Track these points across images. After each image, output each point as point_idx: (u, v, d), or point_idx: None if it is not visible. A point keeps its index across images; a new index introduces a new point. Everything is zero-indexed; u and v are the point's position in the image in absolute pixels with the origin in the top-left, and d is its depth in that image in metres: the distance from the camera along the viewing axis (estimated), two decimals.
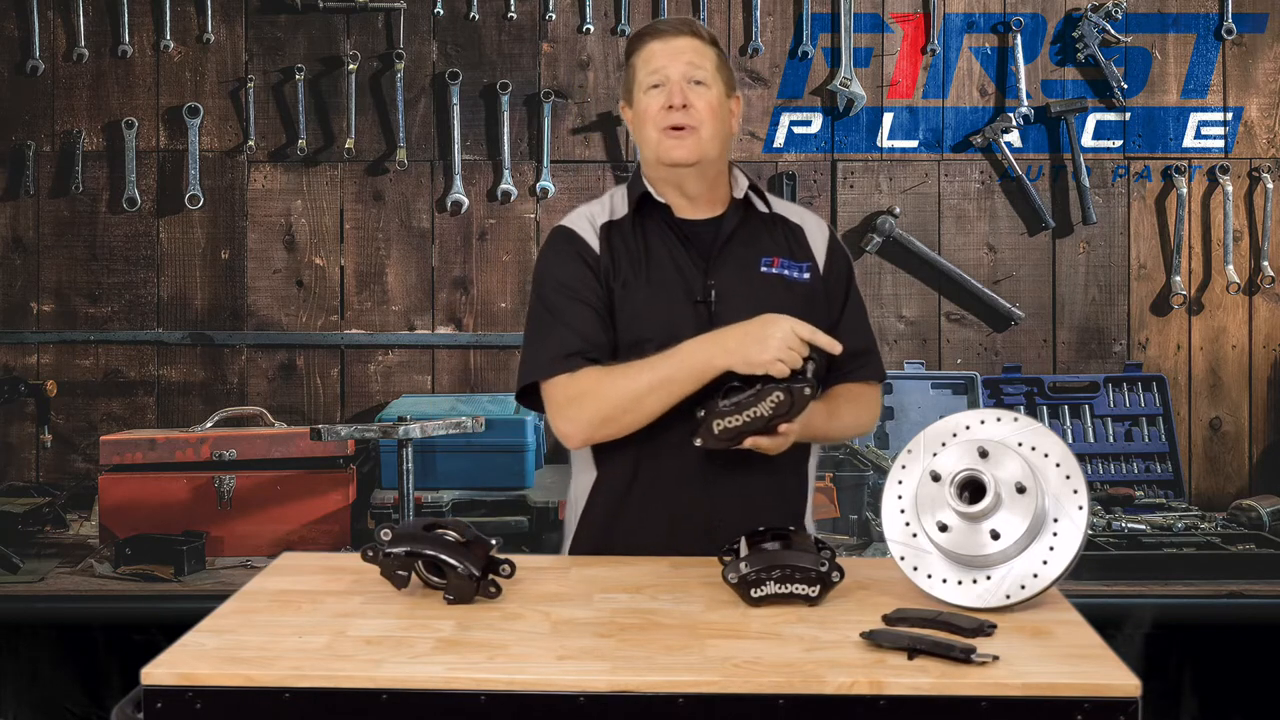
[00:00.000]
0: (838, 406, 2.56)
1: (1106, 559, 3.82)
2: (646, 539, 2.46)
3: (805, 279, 2.55)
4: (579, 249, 2.50)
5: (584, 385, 2.40)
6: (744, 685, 1.76)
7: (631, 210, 2.54)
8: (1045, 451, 2.07)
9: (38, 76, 4.72)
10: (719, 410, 2.31)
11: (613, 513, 2.51)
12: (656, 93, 2.49)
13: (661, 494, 2.47)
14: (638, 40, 2.56)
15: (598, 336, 2.43)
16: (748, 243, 2.55)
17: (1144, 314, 4.81)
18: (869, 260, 4.79)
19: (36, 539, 4.15)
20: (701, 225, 2.55)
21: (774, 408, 2.30)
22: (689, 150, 2.48)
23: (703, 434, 2.33)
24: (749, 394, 2.31)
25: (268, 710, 1.77)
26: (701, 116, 2.48)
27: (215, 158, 4.76)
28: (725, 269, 2.51)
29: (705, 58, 2.51)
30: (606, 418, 2.40)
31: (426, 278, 4.80)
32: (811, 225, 2.62)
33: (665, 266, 2.50)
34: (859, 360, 2.60)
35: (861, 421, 2.65)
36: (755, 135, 4.79)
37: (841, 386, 2.59)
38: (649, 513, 2.48)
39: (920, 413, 4.62)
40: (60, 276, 4.77)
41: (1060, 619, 2.03)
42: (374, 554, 2.15)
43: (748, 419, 2.30)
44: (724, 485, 2.45)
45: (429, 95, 4.77)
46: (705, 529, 2.43)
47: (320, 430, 3.91)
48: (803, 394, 2.31)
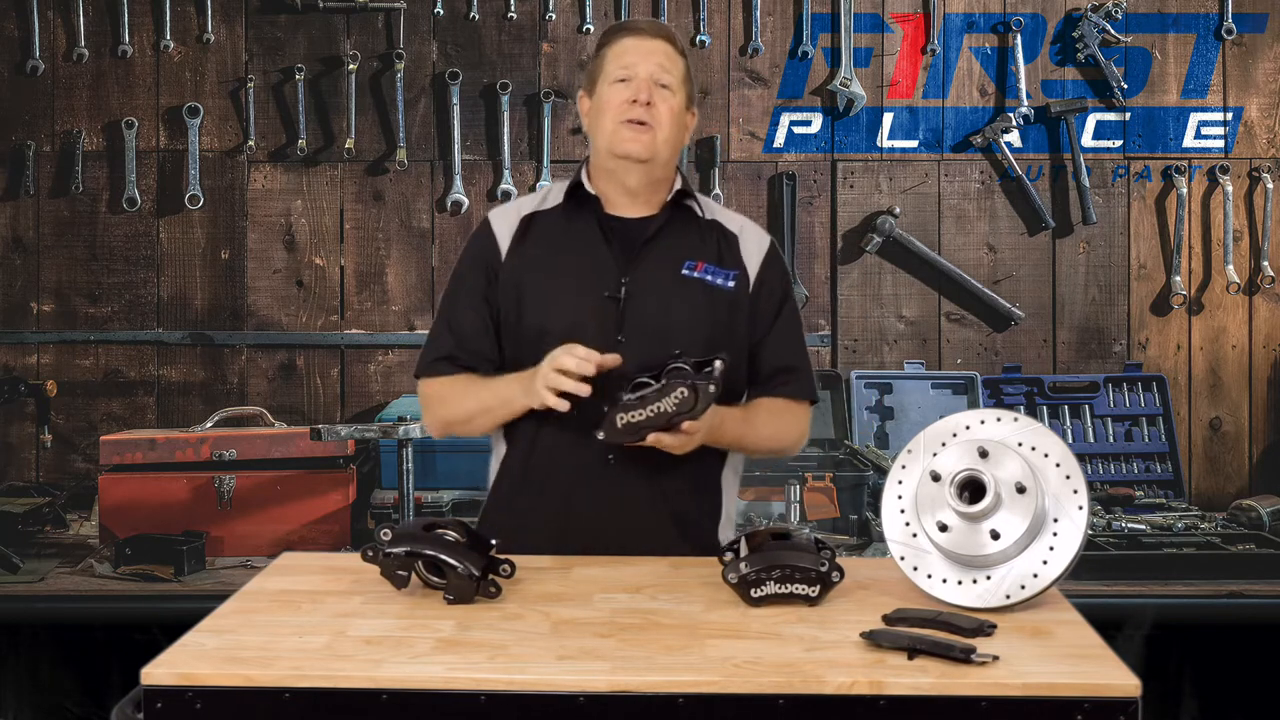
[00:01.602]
0: (755, 417, 2.55)
1: (1106, 559, 3.82)
2: (538, 527, 2.48)
3: (730, 286, 2.55)
4: (483, 245, 2.60)
5: (439, 391, 2.59)
6: (744, 685, 1.76)
7: (564, 201, 2.58)
8: (1045, 451, 2.07)
9: (38, 76, 4.72)
10: (623, 404, 2.31)
11: (514, 491, 2.56)
12: (622, 86, 2.52)
13: (558, 485, 2.50)
14: (613, 34, 2.59)
15: (473, 339, 2.56)
16: (673, 244, 2.56)
17: (1144, 314, 4.81)
18: (869, 260, 4.79)
19: (36, 539, 4.15)
20: (630, 223, 2.57)
21: (678, 404, 2.30)
22: (643, 146, 2.50)
23: (606, 427, 2.33)
24: (654, 389, 2.31)
25: (268, 710, 1.77)
26: (661, 119, 2.51)
27: (215, 158, 4.76)
28: (643, 267, 2.53)
29: (675, 65, 2.55)
30: (449, 423, 2.60)
31: (426, 278, 4.80)
32: (750, 236, 2.62)
33: (582, 259, 2.52)
34: (785, 376, 2.59)
35: (781, 436, 2.60)
36: (755, 135, 4.79)
37: (764, 399, 2.58)
38: (543, 500, 2.51)
39: (920, 413, 4.62)
40: (60, 276, 4.77)
41: (1060, 619, 2.03)
42: (374, 554, 2.15)
43: (651, 414, 2.30)
44: (621, 483, 2.47)
45: (429, 95, 4.77)
46: (595, 524, 2.46)
47: (320, 430, 3.91)
48: (706, 390, 2.30)
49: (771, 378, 2.58)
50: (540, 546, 2.41)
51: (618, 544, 2.43)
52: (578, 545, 2.43)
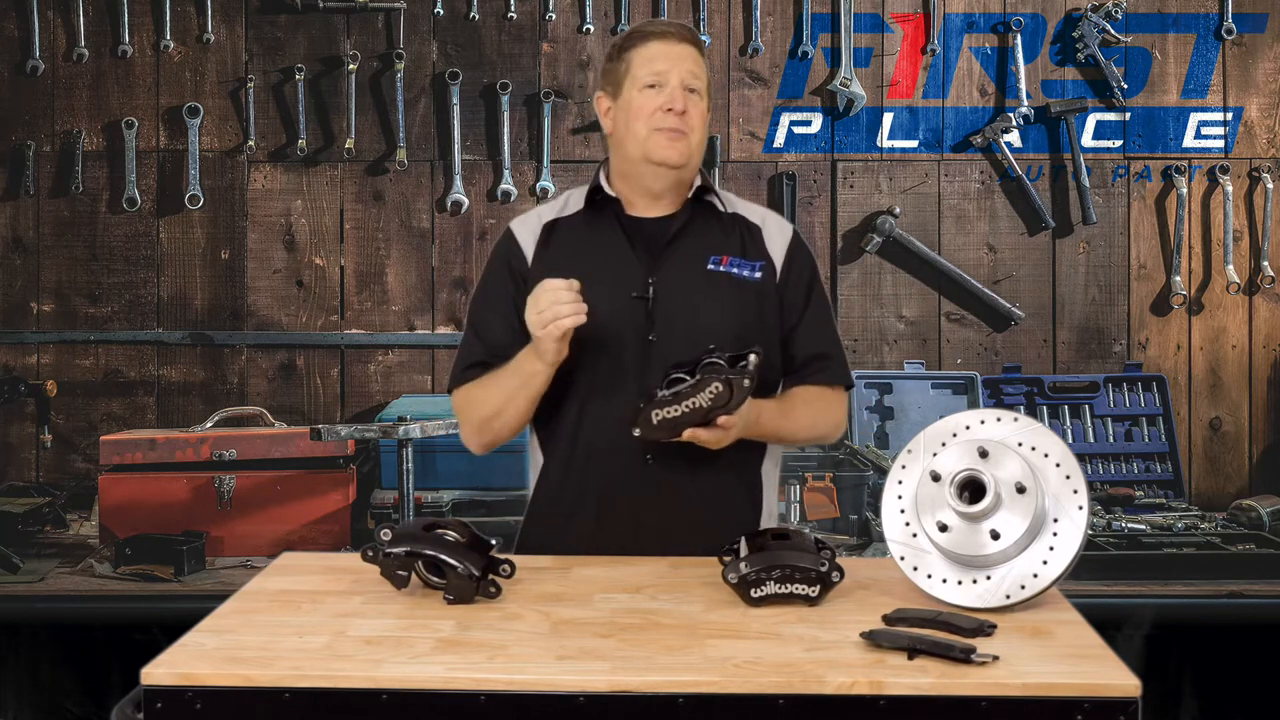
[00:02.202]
0: (791, 407, 2.54)
1: (1106, 559, 3.82)
2: (579, 529, 2.49)
3: (756, 278, 2.55)
4: (510, 254, 2.59)
5: (470, 395, 2.57)
6: (744, 685, 1.76)
7: (584, 206, 2.59)
8: (1045, 451, 2.07)
9: (38, 76, 4.72)
10: (658, 400, 2.31)
11: (552, 501, 2.56)
12: (653, 92, 2.51)
13: (596, 486, 2.50)
14: (639, 37, 2.57)
15: (503, 346, 2.52)
16: (697, 240, 2.57)
17: (1144, 314, 4.81)
18: (869, 260, 4.79)
19: (36, 539, 4.15)
20: (652, 222, 2.58)
21: (712, 399, 2.30)
22: (680, 153, 2.51)
23: (641, 424, 2.32)
24: (688, 385, 2.31)
25: (268, 710, 1.77)
26: (694, 124, 2.52)
27: (215, 158, 4.76)
28: (669, 265, 2.54)
29: (701, 69, 2.56)
30: (485, 421, 2.54)
31: (426, 278, 4.80)
32: (772, 226, 2.63)
33: (608, 262, 2.52)
34: (819, 363, 2.59)
35: (818, 424, 2.60)
36: (755, 135, 4.79)
37: (799, 388, 2.57)
38: (583, 504, 2.51)
39: (920, 413, 4.62)
40: (60, 276, 4.77)
41: (1060, 619, 2.03)
42: (374, 554, 2.15)
43: (686, 409, 2.30)
44: (661, 481, 2.47)
45: (429, 95, 4.77)
46: (635, 525, 2.47)
47: (320, 430, 3.91)
48: (741, 385, 2.30)
49: (805, 365, 2.57)
50: (582, 547, 2.42)
51: (658, 543, 2.43)
52: (617, 545, 2.43)
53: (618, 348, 2.49)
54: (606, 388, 2.48)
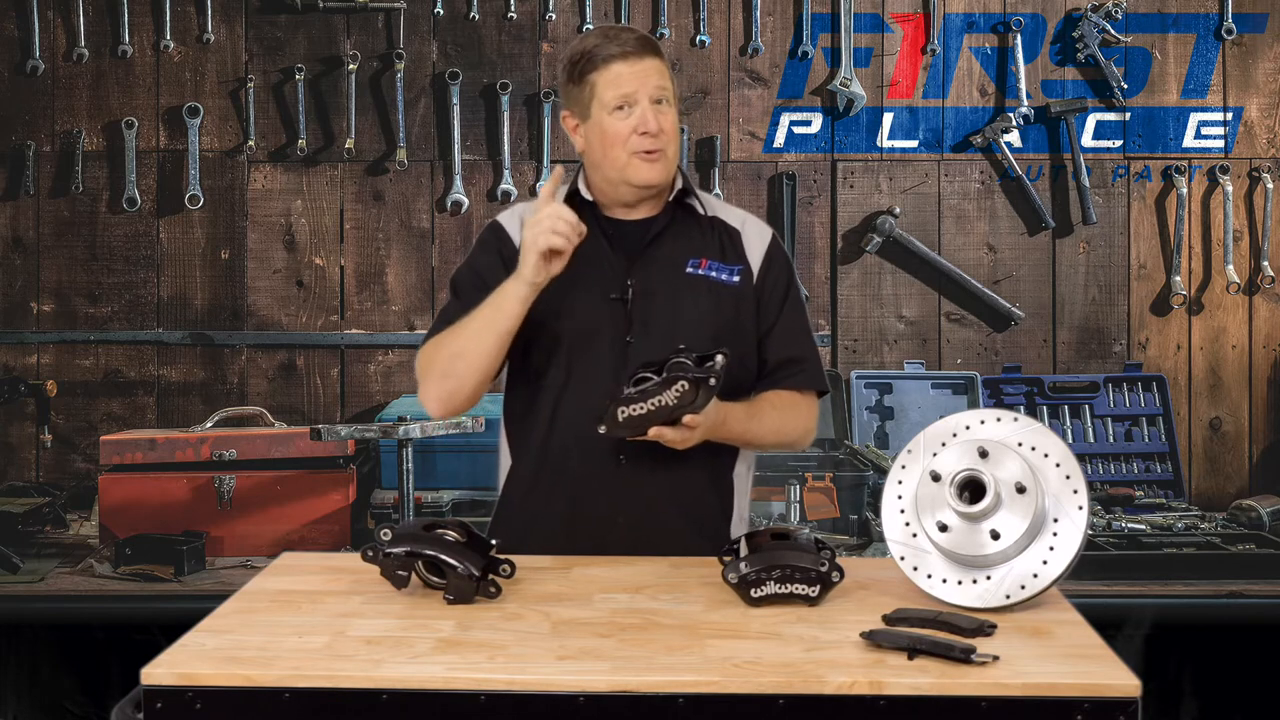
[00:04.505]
0: (759, 411, 2.52)
1: (1106, 559, 3.82)
2: (548, 529, 2.48)
3: (735, 281, 2.55)
4: (500, 243, 2.57)
5: (436, 343, 2.50)
6: (744, 685, 1.76)
7: None
8: (1045, 451, 2.07)
9: (38, 76, 4.72)
10: (624, 398, 2.31)
11: (521, 502, 2.55)
12: (623, 114, 2.48)
13: (566, 487, 2.50)
14: (599, 60, 2.49)
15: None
16: (676, 243, 2.57)
17: (1144, 314, 4.81)
18: (869, 260, 4.79)
19: (36, 539, 4.15)
20: (631, 225, 2.57)
21: (678, 397, 2.29)
22: (660, 173, 2.51)
23: (607, 421, 2.32)
24: (654, 383, 2.30)
25: (268, 710, 1.77)
26: (669, 137, 2.51)
27: (215, 158, 4.76)
28: (648, 268, 2.54)
29: (666, 78, 2.52)
30: (444, 371, 2.46)
31: (426, 278, 4.80)
32: (751, 231, 2.62)
33: (588, 263, 2.50)
34: (791, 368, 2.57)
35: (785, 429, 2.56)
36: (755, 135, 4.79)
37: (770, 393, 2.56)
38: (551, 505, 2.51)
39: (920, 413, 4.62)
40: (60, 276, 4.77)
41: (1060, 619, 2.03)
42: (374, 554, 2.15)
43: (652, 407, 2.29)
44: (632, 482, 2.47)
45: (429, 95, 4.77)
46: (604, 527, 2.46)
47: (320, 430, 3.91)
48: (707, 385, 2.29)
49: (778, 369, 2.57)
50: (550, 548, 2.41)
51: (630, 544, 2.43)
52: (589, 546, 2.43)
53: (595, 348, 2.49)
54: (582, 387, 2.48)
